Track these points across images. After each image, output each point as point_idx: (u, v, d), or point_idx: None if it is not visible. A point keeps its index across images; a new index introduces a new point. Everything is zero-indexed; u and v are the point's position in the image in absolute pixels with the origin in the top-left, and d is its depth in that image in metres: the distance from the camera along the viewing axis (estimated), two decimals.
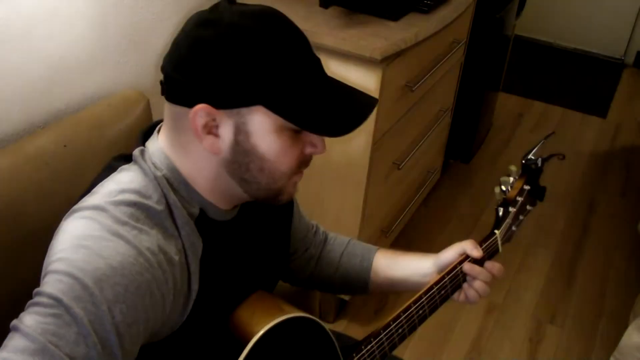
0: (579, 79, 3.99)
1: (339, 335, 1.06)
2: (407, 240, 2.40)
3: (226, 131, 0.79)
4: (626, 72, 4.15)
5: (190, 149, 0.82)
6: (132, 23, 1.40)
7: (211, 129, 0.79)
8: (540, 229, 2.60)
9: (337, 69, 1.61)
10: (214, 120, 0.78)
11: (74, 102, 1.31)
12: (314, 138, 0.84)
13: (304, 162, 0.86)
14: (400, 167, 1.92)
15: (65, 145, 1.11)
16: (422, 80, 1.84)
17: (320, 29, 1.59)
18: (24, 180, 1.02)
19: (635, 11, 4.09)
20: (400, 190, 2.11)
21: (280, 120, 0.78)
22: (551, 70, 4.07)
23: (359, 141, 1.68)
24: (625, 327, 1.78)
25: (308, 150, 0.84)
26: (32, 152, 1.07)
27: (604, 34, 4.20)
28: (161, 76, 0.82)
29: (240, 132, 0.79)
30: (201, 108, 0.77)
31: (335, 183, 1.77)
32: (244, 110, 0.78)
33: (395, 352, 1.07)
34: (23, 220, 1.00)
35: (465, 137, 2.72)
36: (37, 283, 0.72)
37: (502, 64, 2.94)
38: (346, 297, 1.99)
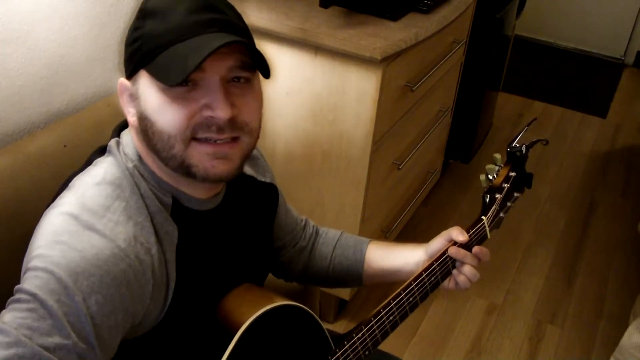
0: (579, 79, 3.99)
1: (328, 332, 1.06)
2: (407, 240, 2.39)
3: (135, 102, 0.83)
4: (626, 72, 4.15)
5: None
6: None
7: (132, 105, 0.84)
8: (541, 229, 2.60)
9: (337, 69, 1.61)
10: (130, 94, 0.83)
11: (74, 102, 1.31)
12: (209, 99, 0.79)
13: (202, 125, 0.80)
14: (400, 167, 1.92)
15: (65, 145, 1.11)
16: (422, 80, 1.84)
17: (320, 29, 1.59)
18: (24, 180, 1.02)
19: (635, 11, 4.09)
20: (400, 190, 2.11)
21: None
22: (551, 70, 4.07)
23: (359, 141, 1.68)
24: (625, 327, 1.78)
25: (205, 113, 0.79)
26: (32, 152, 1.07)
27: (604, 34, 4.20)
28: None
29: (136, 98, 0.82)
30: (120, 82, 0.84)
31: (335, 183, 1.77)
32: (137, 77, 0.82)
33: (395, 352, 1.07)
34: (23, 219, 1.00)
35: (465, 137, 2.72)
36: None
37: (502, 64, 2.94)
38: (346, 297, 1.99)
